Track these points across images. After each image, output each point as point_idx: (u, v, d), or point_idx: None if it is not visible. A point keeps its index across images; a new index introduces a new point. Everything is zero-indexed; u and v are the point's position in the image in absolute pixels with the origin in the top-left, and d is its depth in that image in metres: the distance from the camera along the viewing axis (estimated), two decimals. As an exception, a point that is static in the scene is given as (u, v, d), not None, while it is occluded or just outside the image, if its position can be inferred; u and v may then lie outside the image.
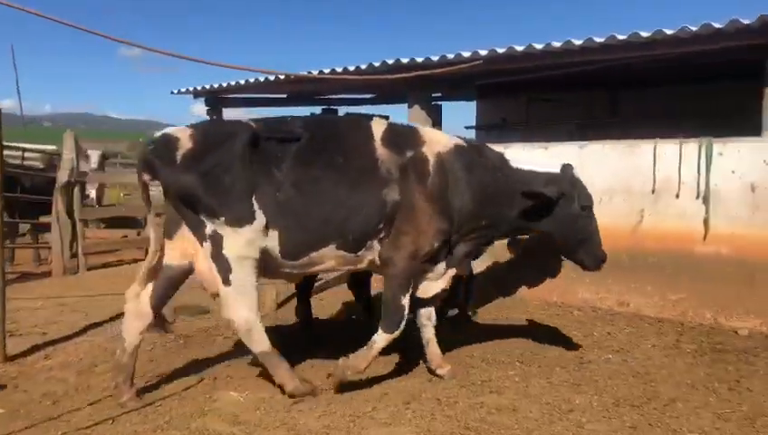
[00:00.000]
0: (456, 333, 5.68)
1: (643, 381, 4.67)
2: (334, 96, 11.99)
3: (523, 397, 4.36)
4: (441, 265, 4.62)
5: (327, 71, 8.37)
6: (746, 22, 5.59)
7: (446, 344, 4.97)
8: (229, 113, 12.05)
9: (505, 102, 12.24)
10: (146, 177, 4.17)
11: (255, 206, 4.11)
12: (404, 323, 4.39)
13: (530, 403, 4.24)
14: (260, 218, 4.12)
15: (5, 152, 5.98)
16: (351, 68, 8.22)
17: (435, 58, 7.48)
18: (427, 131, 4.72)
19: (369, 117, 4.99)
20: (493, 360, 5.15)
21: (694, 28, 5.87)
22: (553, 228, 4.67)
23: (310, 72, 8.13)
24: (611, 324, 6.23)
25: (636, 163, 6.67)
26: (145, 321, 4.30)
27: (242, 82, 10.11)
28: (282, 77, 9.11)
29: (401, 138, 4.49)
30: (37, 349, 5.51)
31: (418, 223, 4.30)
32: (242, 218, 4.08)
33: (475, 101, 13.73)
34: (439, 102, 13.01)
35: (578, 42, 6.55)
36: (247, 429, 3.85)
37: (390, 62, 7.88)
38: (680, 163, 6.35)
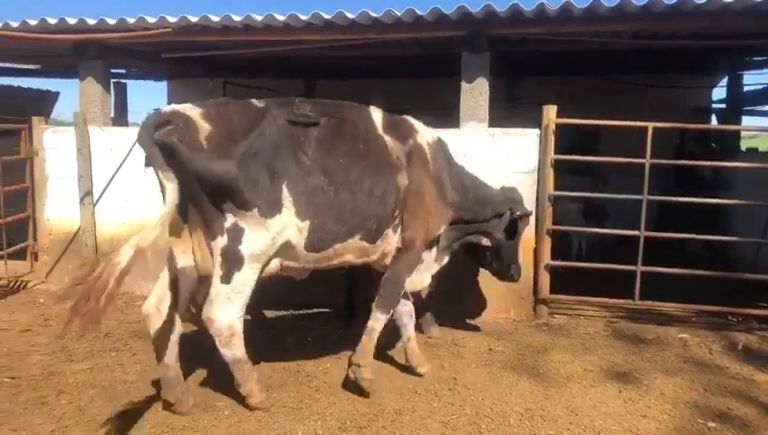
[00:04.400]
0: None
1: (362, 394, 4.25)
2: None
3: (237, 438, 3.57)
4: (434, 254, 4.74)
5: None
6: (447, 12, 5.51)
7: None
8: None
9: (200, 85, 11.19)
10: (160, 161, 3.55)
11: (287, 196, 3.76)
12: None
13: (247, 446, 3.48)
14: (290, 210, 3.79)
15: None
16: (-2, 24, 6.39)
17: (111, 21, 6.15)
18: (414, 121, 4.63)
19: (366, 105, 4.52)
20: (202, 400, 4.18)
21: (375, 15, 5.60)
22: (502, 237, 4.91)
23: None
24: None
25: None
26: None
27: None
28: None
29: (399, 126, 4.44)
30: None
31: (428, 207, 4.37)
32: (273, 209, 3.71)
33: (165, 83, 12.44)
34: (124, 81, 11.46)
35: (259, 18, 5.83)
36: None
37: (52, 21, 6.28)
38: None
